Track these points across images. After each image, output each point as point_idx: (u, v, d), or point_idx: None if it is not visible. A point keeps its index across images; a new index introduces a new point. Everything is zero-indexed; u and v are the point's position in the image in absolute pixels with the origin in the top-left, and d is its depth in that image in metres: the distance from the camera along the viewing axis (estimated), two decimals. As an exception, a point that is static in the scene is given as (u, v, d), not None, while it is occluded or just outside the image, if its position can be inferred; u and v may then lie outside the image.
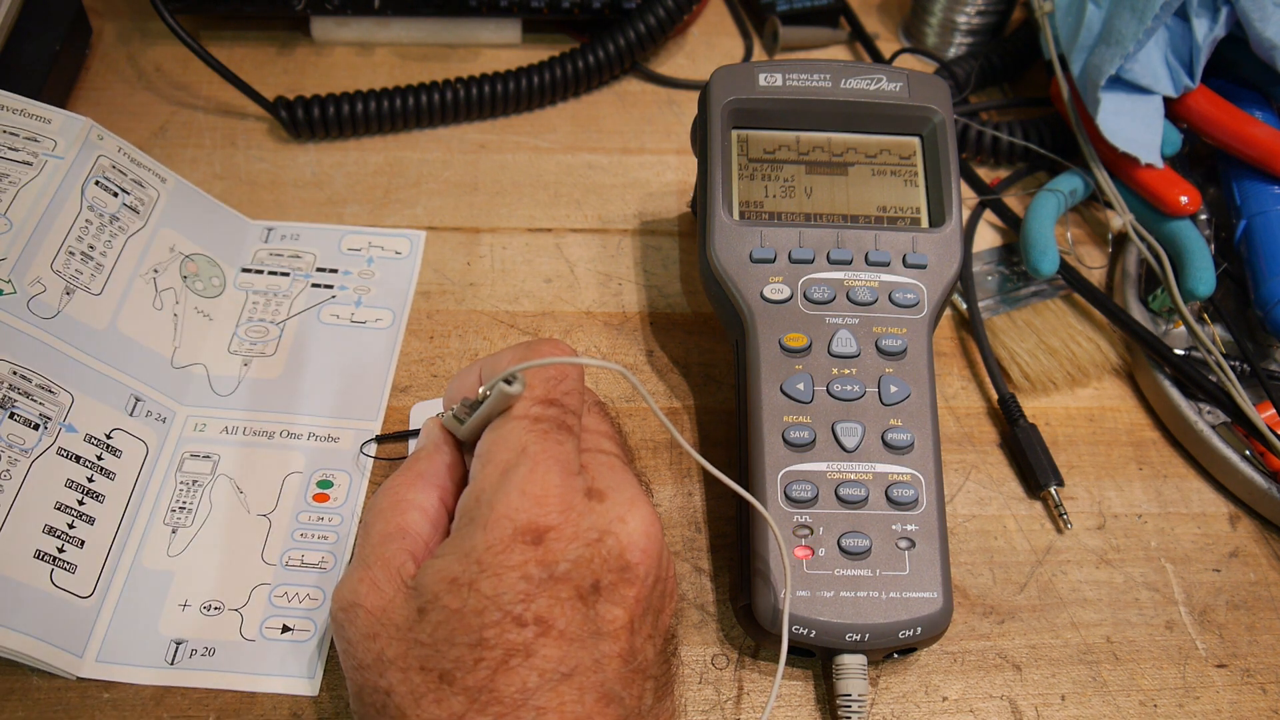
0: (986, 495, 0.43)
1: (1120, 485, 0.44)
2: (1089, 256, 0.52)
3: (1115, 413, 0.46)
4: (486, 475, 0.30)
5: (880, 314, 0.39)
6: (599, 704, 0.27)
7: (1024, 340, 0.47)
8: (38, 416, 0.36)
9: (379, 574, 0.30)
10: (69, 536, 0.36)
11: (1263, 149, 0.48)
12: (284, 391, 0.43)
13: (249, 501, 0.39)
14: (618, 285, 0.49)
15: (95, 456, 0.37)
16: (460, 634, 0.27)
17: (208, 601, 0.37)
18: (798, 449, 0.37)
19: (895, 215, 0.42)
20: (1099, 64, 0.49)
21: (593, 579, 0.29)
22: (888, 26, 0.64)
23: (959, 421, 0.45)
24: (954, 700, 0.37)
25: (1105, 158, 0.50)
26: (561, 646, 0.27)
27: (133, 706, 0.35)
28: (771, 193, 0.42)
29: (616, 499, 0.30)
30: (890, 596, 0.35)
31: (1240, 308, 0.48)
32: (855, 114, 0.42)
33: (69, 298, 0.39)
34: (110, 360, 0.39)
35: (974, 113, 0.57)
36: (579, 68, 0.56)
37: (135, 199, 0.43)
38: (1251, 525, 0.43)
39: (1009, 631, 0.39)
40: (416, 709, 0.27)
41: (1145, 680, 0.38)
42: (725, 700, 0.36)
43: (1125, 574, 0.41)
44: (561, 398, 0.32)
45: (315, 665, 0.36)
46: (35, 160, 0.41)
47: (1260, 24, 0.47)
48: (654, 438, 0.43)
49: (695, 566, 0.40)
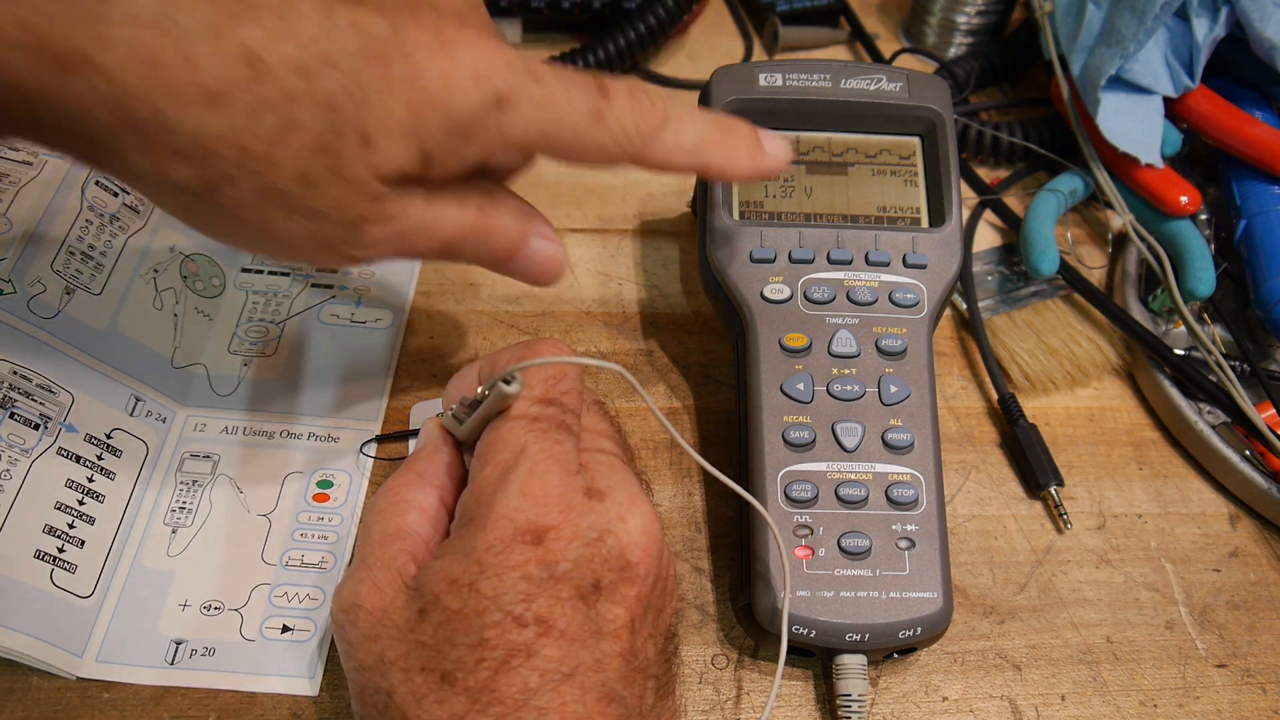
0: (986, 495, 0.43)
1: (1120, 485, 0.44)
2: (1089, 256, 0.52)
3: (1115, 413, 0.46)
4: (485, 475, 0.30)
5: (880, 314, 0.39)
6: (600, 703, 0.27)
7: (1024, 340, 0.47)
8: (38, 416, 0.36)
9: (379, 575, 0.30)
10: (69, 536, 0.36)
11: (1263, 149, 0.48)
12: (284, 391, 0.43)
13: (249, 501, 0.39)
14: (618, 285, 0.49)
15: (95, 456, 0.37)
16: (461, 635, 0.27)
17: (208, 601, 0.37)
18: (798, 449, 0.37)
19: (895, 215, 0.42)
20: (1099, 64, 0.49)
21: (593, 578, 0.29)
22: (888, 26, 0.64)
23: (959, 421, 0.45)
24: (954, 700, 0.37)
25: (1105, 158, 0.50)
26: (562, 646, 0.27)
27: (133, 706, 0.35)
28: (771, 193, 0.42)
29: (616, 498, 0.30)
30: (890, 596, 0.35)
31: (1240, 308, 0.48)
32: (855, 114, 0.42)
33: (69, 298, 0.39)
34: (110, 360, 0.39)
35: (974, 113, 0.57)
36: (579, 68, 0.56)
37: (135, 198, 0.43)
38: (1251, 525, 0.43)
39: (1009, 631, 0.39)
40: (418, 710, 0.27)
41: (1145, 680, 0.38)
42: (725, 700, 0.37)
43: (1125, 574, 0.41)
44: (560, 397, 0.32)
45: (315, 665, 0.36)
46: (35, 160, 0.41)
47: (1260, 24, 0.47)
48: (654, 438, 0.43)
49: (695, 566, 0.40)
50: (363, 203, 0.28)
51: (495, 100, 0.28)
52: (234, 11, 0.26)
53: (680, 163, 0.32)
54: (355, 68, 0.27)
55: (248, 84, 0.26)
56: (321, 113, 0.26)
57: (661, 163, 0.32)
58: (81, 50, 0.24)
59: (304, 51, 0.26)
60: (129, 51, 0.25)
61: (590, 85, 0.30)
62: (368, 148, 0.27)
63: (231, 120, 0.26)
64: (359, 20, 0.27)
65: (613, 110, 0.30)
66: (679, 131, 0.31)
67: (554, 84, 0.29)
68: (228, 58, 0.25)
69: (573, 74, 0.30)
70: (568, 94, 0.29)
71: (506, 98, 0.28)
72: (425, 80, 0.27)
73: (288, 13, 0.26)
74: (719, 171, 0.33)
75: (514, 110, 0.29)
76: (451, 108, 0.28)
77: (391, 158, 0.28)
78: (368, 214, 0.29)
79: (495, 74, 0.28)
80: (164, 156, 0.26)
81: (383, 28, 0.27)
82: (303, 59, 0.26)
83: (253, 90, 0.26)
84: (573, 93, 0.29)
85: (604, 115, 0.30)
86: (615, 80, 0.31)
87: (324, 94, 0.26)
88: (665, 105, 0.31)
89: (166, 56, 0.25)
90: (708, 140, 0.32)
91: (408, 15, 0.28)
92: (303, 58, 0.26)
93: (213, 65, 0.25)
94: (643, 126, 0.31)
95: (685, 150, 0.32)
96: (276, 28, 0.26)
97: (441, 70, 0.27)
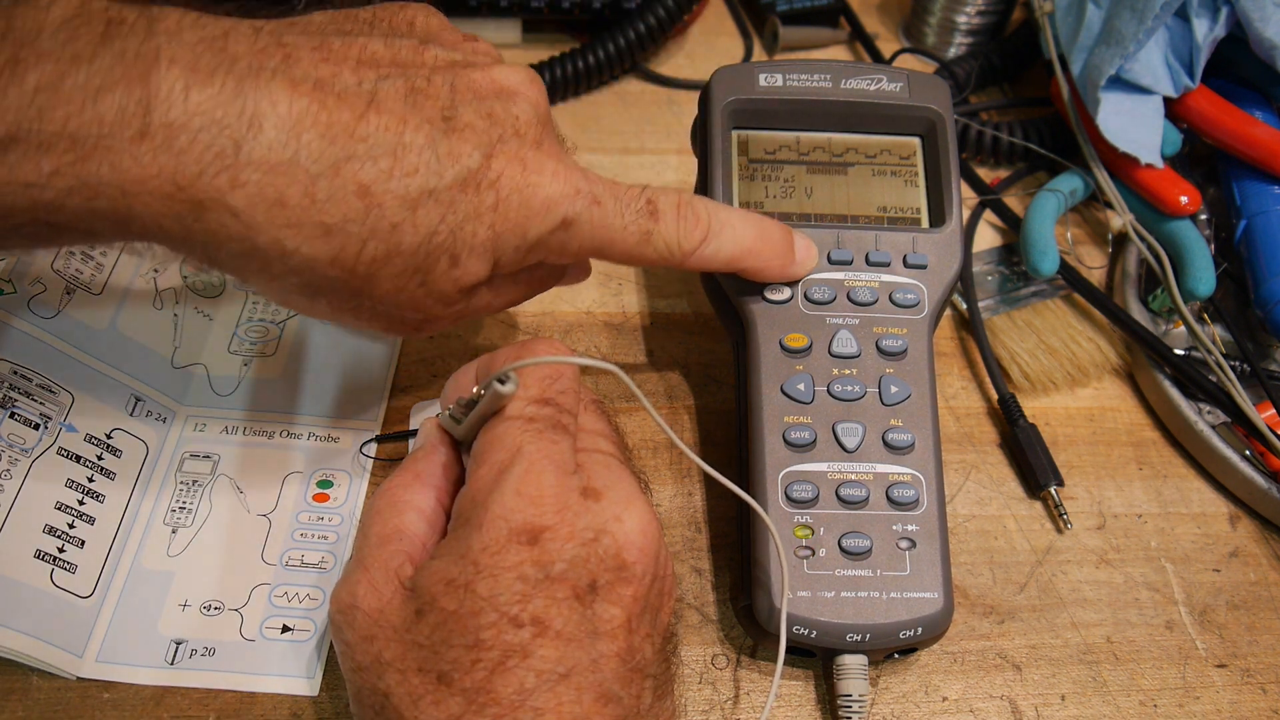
0: (986, 495, 0.43)
1: (1120, 485, 0.44)
2: (1089, 256, 0.52)
3: (1115, 413, 0.46)
4: (482, 476, 0.30)
5: (880, 314, 0.39)
6: (597, 704, 0.27)
7: (1024, 340, 0.47)
8: (38, 416, 0.36)
9: (377, 576, 0.30)
10: (69, 536, 0.36)
11: (1263, 149, 0.48)
12: (284, 391, 0.43)
13: (249, 501, 0.39)
14: (618, 285, 0.49)
15: (95, 456, 0.37)
16: (457, 635, 0.27)
17: (208, 601, 0.37)
18: (798, 449, 0.37)
19: (895, 215, 0.42)
20: (1099, 64, 0.49)
21: (589, 578, 0.29)
22: (888, 26, 0.64)
23: (959, 421, 0.45)
24: (954, 700, 0.37)
25: (1105, 158, 0.50)
26: (559, 647, 0.27)
27: (133, 706, 0.35)
28: (772, 193, 0.42)
29: (613, 498, 0.30)
30: (891, 597, 0.35)
31: (1240, 308, 0.48)
32: (855, 114, 0.42)
33: (69, 297, 0.39)
34: (110, 360, 0.39)
35: (974, 113, 0.57)
36: (579, 68, 0.56)
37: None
38: (1251, 525, 0.43)
39: (1009, 631, 0.39)
40: (415, 710, 0.27)
41: (1145, 680, 0.38)
42: (725, 700, 0.37)
43: (1125, 574, 0.41)
44: (556, 397, 0.32)
45: (315, 665, 0.36)
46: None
47: (1260, 24, 0.47)
48: (653, 438, 0.43)
49: (695, 567, 0.40)
50: (439, 307, 0.32)
51: (562, 223, 0.32)
52: (353, 152, 0.28)
53: (719, 269, 0.37)
54: (451, 198, 0.30)
55: (360, 217, 0.29)
56: (420, 239, 0.30)
57: (701, 269, 0.37)
58: (216, 194, 0.27)
59: (409, 185, 0.29)
60: (258, 192, 0.27)
61: (643, 209, 0.34)
62: (455, 267, 0.31)
63: (343, 248, 0.29)
64: (456, 151, 0.30)
65: (660, 231, 0.34)
66: (719, 247, 0.35)
67: (611, 207, 0.33)
68: (344, 194, 0.28)
69: (629, 194, 0.34)
70: (622, 217, 0.33)
71: (571, 221, 0.32)
72: (508, 208, 0.31)
73: (399, 149, 0.29)
74: (754, 277, 0.38)
75: (575, 231, 0.32)
76: (527, 231, 0.31)
77: (472, 274, 0.31)
78: (441, 315, 0.33)
79: (565, 201, 0.32)
80: (278, 274, 0.29)
81: (475, 159, 0.30)
82: (408, 192, 0.29)
83: (364, 222, 0.29)
84: (626, 216, 0.33)
85: (652, 236, 0.34)
86: (665, 198, 0.34)
87: (424, 223, 0.29)
88: (709, 220, 0.35)
89: (290, 197, 0.28)
90: (744, 252, 0.36)
91: (496, 144, 0.31)
92: (408, 191, 0.29)
93: (331, 202, 0.28)
94: (685, 244, 0.35)
95: (722, 260, 0.36)
96: (389, 165, 0.29)
97: (523, 199, 0.31)
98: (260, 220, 0.27)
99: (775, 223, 0.38)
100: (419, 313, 0.32)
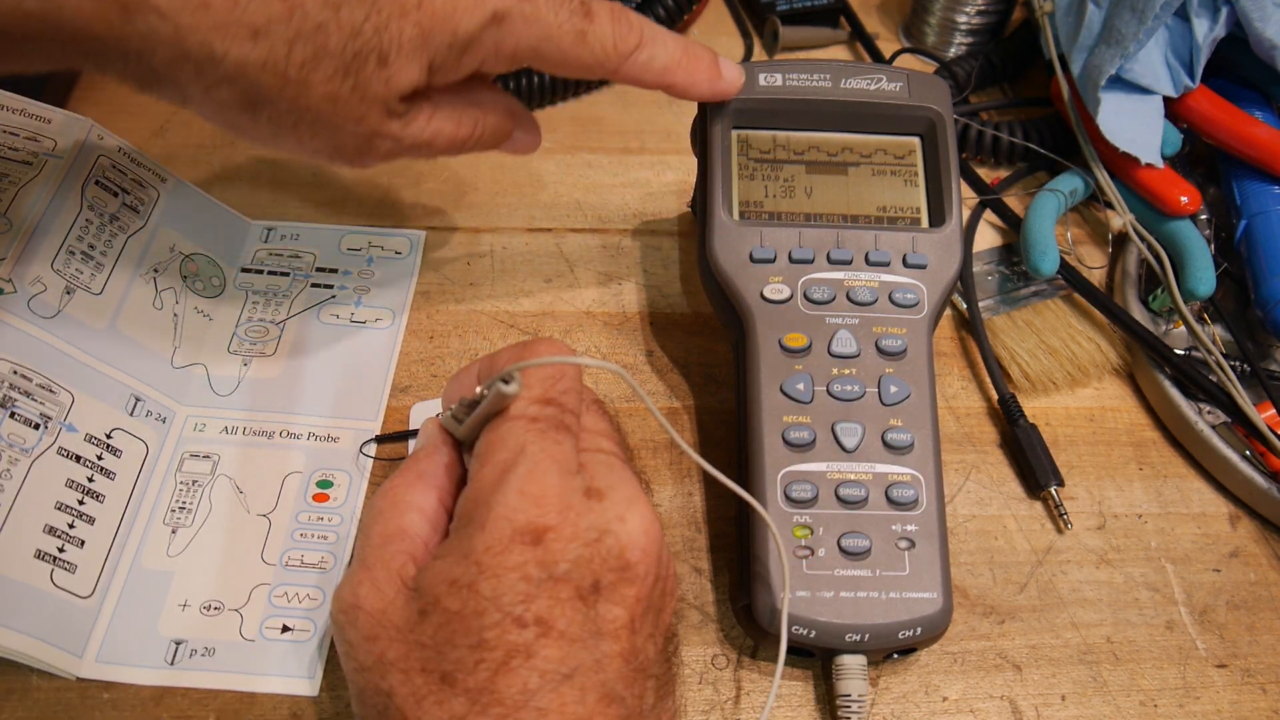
0: (986, 495, 0.43)
1: (1120, 485, 0.44)
2: (1089, 256, 0.52)
3: (1115, 413, 0.46)
4: (484, 476, 0.30)
5: (880, 314, 0.39)
6: (600, 704, 0.27)
7: (1024, 340, 0.47)
8: (38, 416, 0.36)
9: (379, 576, 0.30)
10: (69, 536, 0.36)
11: (1263, 149, 0.48)
12: (284, 391, 0.43)
13: (249, 501, 0.39)
14: (618, 285, 0.49)
15: (95, 456, 0.37)
16: (461, 635, 0.27)
17: (208, 601, 0.37)
18: (798, 449, 0.37)
19: (895, 215, 0.42)
20: (1099, 64, 0.49)
21: (592, 579, 0.29)
22: (888, 26, 0.64)
23: (959, 421, 0.45)
24: (954, 700, 0.37)
25: (1105, 158, 0.50)
26: (562, 647, 0.27)
27: (133, 706, 0.35)
28: (771, 193, 0.42)
29: (615, 498, 0.30)
30: (890, 597, 0.35)
31: (1240, 308, 0.48)
32: (855, 114, 0.42)
33: (69, 297, 0.39)
34: (110, 360, 0.39)
35: (974, 113, 0.57)
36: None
37: (135, 199, 0.43)
38: (1251, 525, 0.43)
39: (1009, 631, 0.39)
40: (418, 711, 0.27)
41: (1145, 680, 0.38)
42: (725, 700, 0.37)
43: (1125, 574, 0.41)
44: (559, 397, 0.32)
45: (315, 665, 0.36)
46: (35, 160, 0.41)
47: (1260, 24, 0.47)
48: (654, 438, 0.43)
49: (695, 566, 0.40)
50: (379, 117, 0.33)
51: (493, 18, 0.32)
52: None
53: (650, 81, 0.37)
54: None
55: (285, 18, 0.30)
56: (347, 39, 0.31)
57: (634, 79, 0.37)
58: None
59: None
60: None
61: (576, 8, 0.34)
62: (385, 67, 0.31)
63: (271, 50, 0.30)
64: None
65: (595, 30, 0.34)
66: (652, 54, 0.36)
67: (543, 3, 0.33)
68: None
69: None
70: (555, 13, 0.33)
71: (502, 15, 0.32)
72: (433, 3, 0.31)
73: None
74: (681, 91, 0.38)
75: (508, 26, 0.33)
76: (456, 26, 0.32)
77: (405, 74, 0.32)
78: (381, 129, 0.33)
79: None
80: (213, 82, 0.30)
81: None
82: None
83: (289, 23, 0.30)
84: (560, 12, 0.34)
85: (586, 34, 0.34)
86: (599, 1, 0.35)
87: (348, 22, 0.30)
88: (642, 28, 0.36)
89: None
90: (675, 63, 0.37)
91: None
92: None
93: (254, 3, 0.29)
94: (621, 46, 0.35)
95: (655, 70, 0.36)
96: None
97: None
98: (186, 22, 0.29)
99: (699, 42, 0.38)
100: (359, 124, 0.32)
